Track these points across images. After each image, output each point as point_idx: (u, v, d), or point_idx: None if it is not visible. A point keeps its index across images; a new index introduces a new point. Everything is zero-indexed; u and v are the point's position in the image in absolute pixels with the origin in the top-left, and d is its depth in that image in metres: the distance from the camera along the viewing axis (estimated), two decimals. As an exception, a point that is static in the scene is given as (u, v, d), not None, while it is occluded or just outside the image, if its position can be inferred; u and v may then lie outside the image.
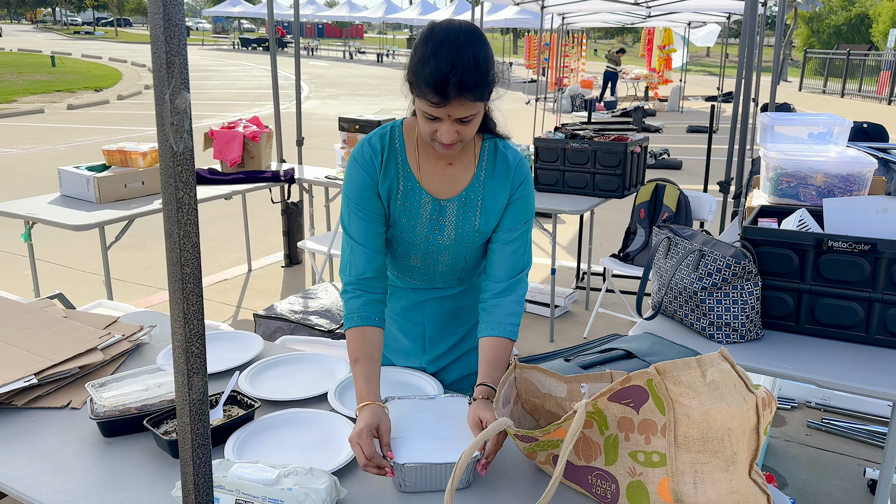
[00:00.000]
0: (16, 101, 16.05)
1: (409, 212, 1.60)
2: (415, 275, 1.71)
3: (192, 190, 0.87)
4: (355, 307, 1.55)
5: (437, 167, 1.60)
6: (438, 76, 1.35)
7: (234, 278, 5.12)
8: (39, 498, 1.28)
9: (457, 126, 1.43)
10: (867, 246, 1.81)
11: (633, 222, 4.10)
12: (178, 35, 0.82)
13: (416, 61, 1.40)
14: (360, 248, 1.58)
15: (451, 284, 1.74)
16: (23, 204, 3.65)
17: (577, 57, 20.27)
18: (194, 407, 0.93)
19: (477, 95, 1.39)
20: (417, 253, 1.66)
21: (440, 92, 1.36)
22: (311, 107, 16.08)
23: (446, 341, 1.80)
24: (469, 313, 1.80)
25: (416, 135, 1.60)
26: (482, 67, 1.38)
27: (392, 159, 1.59)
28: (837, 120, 2.55)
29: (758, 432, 1.15)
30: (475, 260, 1.70)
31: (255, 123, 4.64)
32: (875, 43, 26.84)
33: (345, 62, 35.44)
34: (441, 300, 1.76)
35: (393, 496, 1.31)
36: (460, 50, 1.36)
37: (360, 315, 1.54)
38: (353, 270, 1.57)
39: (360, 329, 1.53)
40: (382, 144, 1.59)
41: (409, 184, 1.59)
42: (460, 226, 1.62)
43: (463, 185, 1.60)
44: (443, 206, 1.60)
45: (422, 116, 1.45)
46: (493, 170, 1.61)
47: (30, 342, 1.77)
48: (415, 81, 1.40)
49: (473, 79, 1.37)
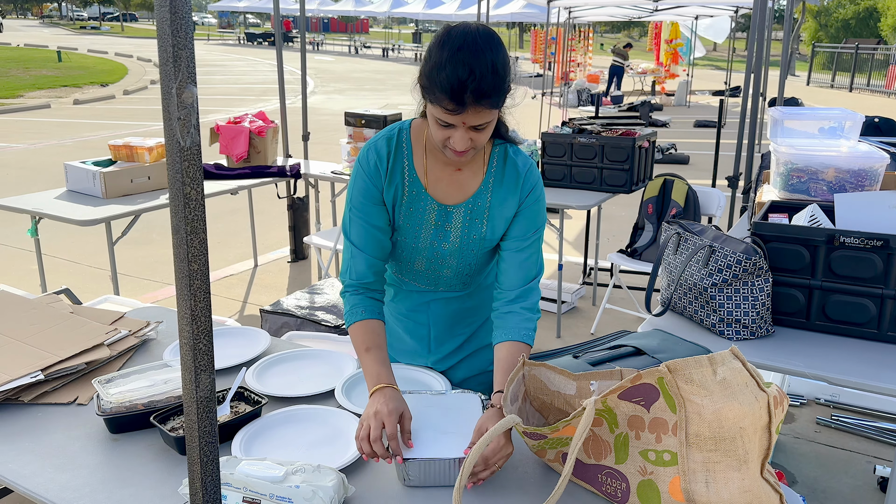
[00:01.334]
0: (22, 96, 16.08)
1: (415, 217, 1.58)
2: (419, 279, 1.70)
3: (199, 185, 0.86)
4: (357, 302, 1.55)
5: (445, 172, 1.56)
6: (455, 83, 1.30)
7: (239, 273, 5.12)
8: (46, 495, 1.28)
9: (471, 133, 1.39)
10: (880, 242, 1.78)
11: (640, 217, 4.07)
12: (184, 28, 0.81)
13: (430, 66, 1.35)
14: (360, 254, 1.56)
15: (455, 288, 1.72)
16: (29, 199, 3.65)
17: (584, 51, 20.19)
18: (202, 404, 0.92)
19: (493, 103, 1.35)
20: (422, 258, 1.63)
21: (456, 99, 1.32)
22: (316, 102, 16.06)
23: (452, 342, 1.78)
24: (475, 314, 1.78)
25: (424, 138, 1.56)
26: (500, 73, 1.34)
27: (398, 164, 1.55)
28: (849, 114, 2.52)
29: (769, 431, 1.14)
30: (480, 266, 1.67)
31: (261, 118, 4.63)
32: (883, 37, 26.65)
33: (350, 57, 35.40)
34: (446, 301, 1.74)
35: (400, 494, 1.30)
36: (478, 55, 1.31)
37: (364, 309, 1.54)
38: (354, 274, 1.57)
39: (366, 322, 1.53)
40: (389, 149, 1.55)
41: (415, 189, 1.56)
42: (466, 232, 1.59)
43: (471, 192, 1.57)
44: (449, 211, 1.57)
45: (434, 123, 1.40)
46: (503, 177, 1.57)
47: (36, 337, 1.77)
48: (429, 87, 1.35)
49: (491, 86, 1.33)
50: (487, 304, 1.75)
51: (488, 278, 1.76)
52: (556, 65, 14.81)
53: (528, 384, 1.39)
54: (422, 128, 1.57)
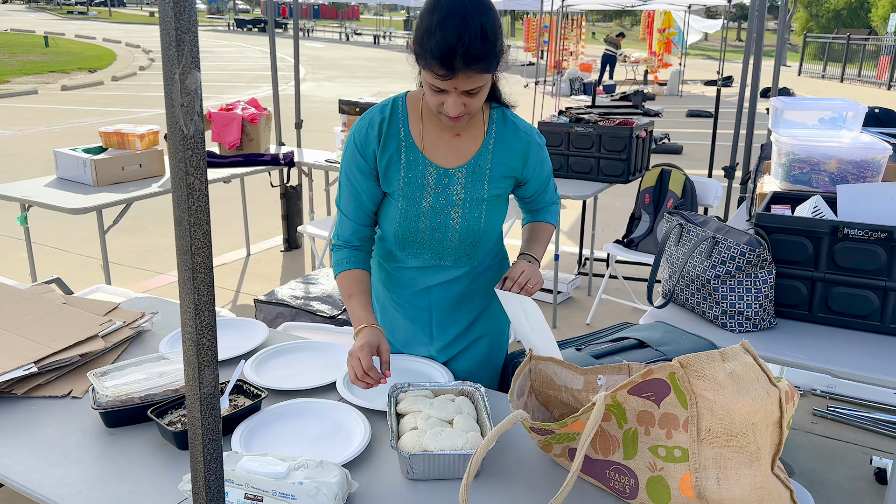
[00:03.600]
0: (9, 81, 15.86)
1: (413, 183, 1.59)
2: (423, 252, 1.68)
3: (203, 175, 0.82)
4: (344, 256, 1.64)
5: (443, 137, 1.59)
6: (445, 48, 1.33)
7: (232, 263, 5.07)
8: (42, 491, 1.25)
9: (463, 98, 1.42)
10: (883, 234, 1.77)
11: (637, 208, 4.05)
12: (188, 11, 0.77)
13: (421, 31, 1.37)
14: (346, 220, 1.64)
15: (459, 262, 1.70)
16: (19, 187, 3.59)
17: (577, 40, 20.11)
18: (205, 401, 0.89)
19: (484, 67, 1.37)
20: (425, 226, 1.63)
21: (446, 64, 1.34)
22: (307, 89, 15.93)
23: (454, 327, 1.76)
24: (476, 298, 1.76)
25: (420, 106, 1.59)
26: (489, 38, 1.36)
27: (393, 130, 1.58)
28: (851, 105, 2.51)
29: (781, 426, 1.13)
30: (483, 232, 1.67)
31: (253, 106, 4.57)
32: (874, 27, 26.69)
33: (341, 44, 35.13)
34: (447, 284, 1.72)
35: (403, 489, 1.28)
36: (467, 20, 1.33)
37: (350, 259, 1.63)
38: (341, 237, 1.66)
39: (352, 271, 1.62)
40: (383, 116, 1.58)
41: (412, 154, 1.58)
42: (469, 194, 1.61)
43: (472, 154, 1.60)
44: (450, 174, 1.59)
45: (428, 88, 1.44)
46: (503, 137, 1.61)
47: (29, 329, 1.73)
48: (420, 52, 1.38)
49: (480, 50, 1.35)
50: (488, 289, 1.77)
51: (488, 256, 1.75)
52: (548, 53, 14.73)
53: (534, 378, 1.37)
54: (418, 96, 1.60)
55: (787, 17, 16.39)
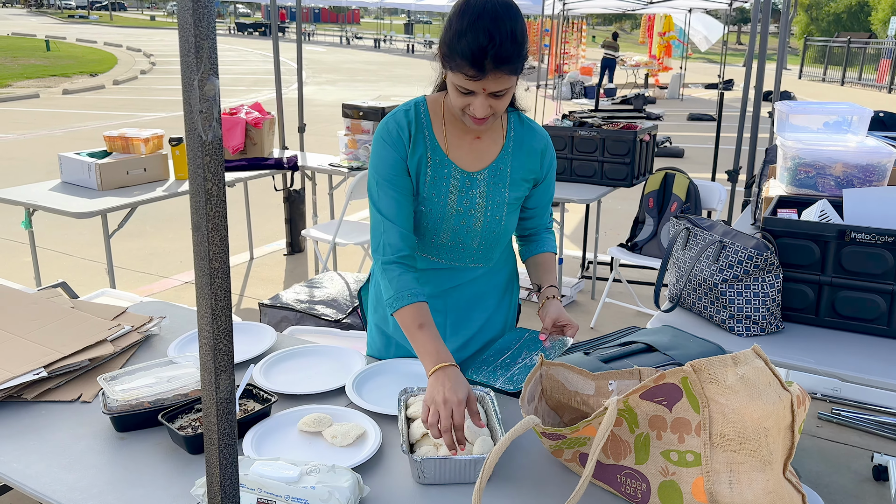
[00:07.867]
0: (10, 85, 15.89)
1: (438, 186, 1.60)
2: (442, 253, 1.69)
3: (220, 181, 0.83)
4: (403, 285, 1.52)
5: (465, 140, 1.61)
6: (476, 49, 1.36)
7: (236, 266, 5.07)
8: (55, 496, 1.25)
9: (490, 100, 1.44)
10: (890, 237, 1.77)
11: (641, 211, 4.06)
12: (207, 17, 0.78)
13: (451, 34, 1.40)
14: (393, 227, 1.56)
15: (478, 262, 1.72)
16: (24, 191, 3.59)
17: (577, 43, 20.15)
18: (221, 406, 0.89)
19: (513, 69, 1.41)
20: (447, 229, 1.64)
21: (477, 65, 1.37)
22: (309, 92, 15.95)
23: (467, 329, 1.77)
24: (488, 298, 1.78)
25: (442, 109, 1.61)
26: (518, 40, 1.39)
27: (420, 134, 1.59)
28: (857, 109, 2.51)
29: (792, 431, 1.13)
30: (502, 234, 1.69)
31: (257, 109, 4.58)
32: (875, 31, 26.73)
33: (342, 47, 35.17)
34: (463, 286, 1.74)
35: (414, 493, 1.28)
36: (498, 23, 1.36)
37: (411, 293, 1.51)
38: (390, 249, 1.55)
39: (417, 305, 1.50)
40: (408, 119, 1.59)
41: (438, 157, 1.60)
42: (490, 197, 1.63)
43: (492, 157, 1.63)
44: (473, 178, 1.61)
45: (455, 90, 1.45)
46: (522, 139, 1.65)
47: (38, 333, 1.73)
48: (450, 55, 1.40)
49: (510, 52, 1.38)
50: (498, 288, 1.80)
51: (503, 256, 1.78)
52: (549, 57, 14.76)
53: (544, 383, 1.37)
54: (438, 100, 1.62)
55: (788, 21, 16.44)
